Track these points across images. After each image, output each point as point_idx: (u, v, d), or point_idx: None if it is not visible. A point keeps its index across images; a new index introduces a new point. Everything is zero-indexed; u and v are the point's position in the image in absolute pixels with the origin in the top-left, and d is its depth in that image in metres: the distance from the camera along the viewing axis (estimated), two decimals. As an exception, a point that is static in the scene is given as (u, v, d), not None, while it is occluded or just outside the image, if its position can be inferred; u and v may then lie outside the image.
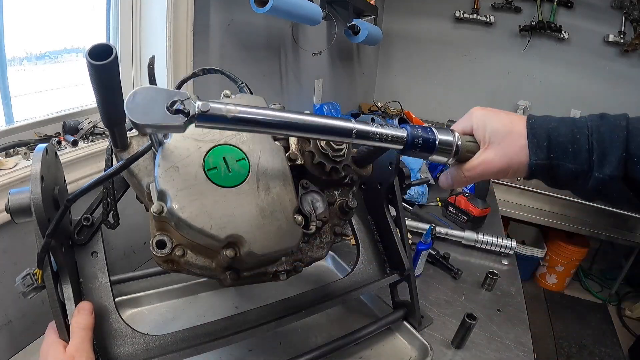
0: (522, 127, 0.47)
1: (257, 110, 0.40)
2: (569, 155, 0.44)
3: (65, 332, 0.48)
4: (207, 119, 0.39)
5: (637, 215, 2.13)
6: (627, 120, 0.44)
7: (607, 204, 2.28)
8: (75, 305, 0.50)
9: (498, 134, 0.47)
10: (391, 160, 0.72)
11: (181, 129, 0.38)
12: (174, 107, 0.37)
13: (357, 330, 0.74)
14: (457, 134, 0.49)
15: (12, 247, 0.74)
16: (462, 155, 0.49)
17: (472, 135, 0.50)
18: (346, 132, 0.44)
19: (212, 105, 0.38)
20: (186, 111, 0.37)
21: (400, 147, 0.46)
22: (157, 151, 0.48)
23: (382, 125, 0.45)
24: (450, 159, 0.49)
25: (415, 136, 0.46)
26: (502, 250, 1.18)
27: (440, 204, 1.48)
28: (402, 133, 0.46)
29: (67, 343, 0.47)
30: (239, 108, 0.39)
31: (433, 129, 0.48)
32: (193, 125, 0.39)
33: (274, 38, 1.56)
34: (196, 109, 0.38)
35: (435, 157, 0.49)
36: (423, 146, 0.47)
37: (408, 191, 1.31)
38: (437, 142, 0.47)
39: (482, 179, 0.50)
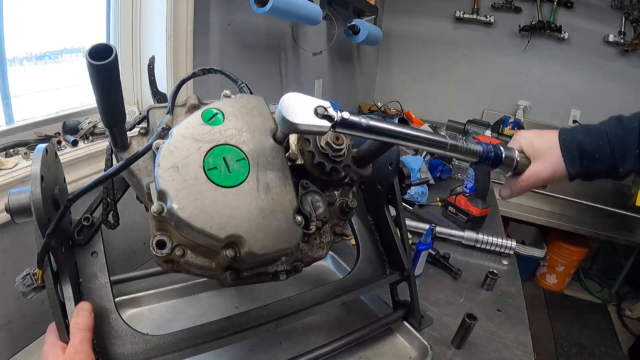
0: (557, 142, 0.59)
1: (382, 124, 0.49)
2: (597, 160, 0.57)
3: (65, 333, 0.48)
4: (346, 125, 0.46)
5: (637, 216, 2.13)
6: (638, 121, 0.55)
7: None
8: (75, 306, 0.50)
9: (542, 149, 0.59)
10: (391, 160, 0.72)
11: (324, 132, 0.46)
12: (322, 113, 0.44)
13: (357, 330, 0.74)
14: (516, 151, 0.60)
15: (12, 247, 0.73)
16: (519, 168, 0.60)
17: (523, 152, 0.61)
18: (443, 146, 0.54)
19: (352, 118, 0.47)
20: (333, 118, 0.45)
21: (476, 159, 0.58)
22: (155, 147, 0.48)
23: (466, 141, 0.57)
24: (511, 171, 0.60)
25: (488, 151, 0.58)
26: (502, 250, 1.18)
27: (440, 204, 1.48)
28: (479, 148, 0.58)
29: (67, 344, 0.47)
30: (370, 121, 0.49)
31: (500, 146, 0.59)
32: (331, 128, 0.46)
33: (274, 38, 1.56)
34: (338, 117, 0.45)
35: (500, 170, 0.60)
36: (493, 160, 0.58)
37: (408, 191, 1.32)
38: (503, 157, 0.58)
39: (534, 187, 0.61)
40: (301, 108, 0.44)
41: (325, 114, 0.44)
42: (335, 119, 0.45)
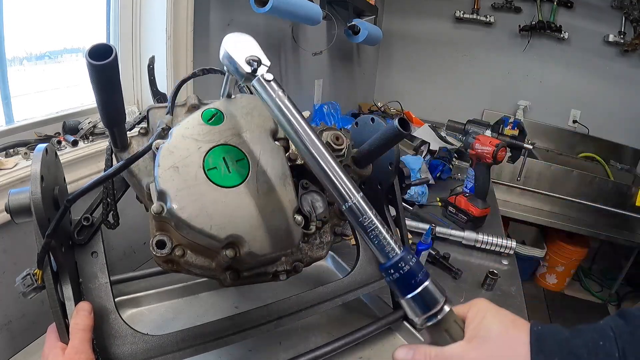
0: (524, 335, 0.37)
1: (292, 113, 0.43)
2: None
3: (65, 334, 0.48)
4: (261, 86, 0.44)
5: (637, 216, 2.13)
6: None
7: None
8: (75, 306, 0.50)
9: (490, 331, 0.38)
10: (391, 160, 0.72)
11: (242, 75, 0.45)
12: (250, 59, 0.45)
13: (357, 330, 0.74)
14: (449, 306, 0.40)
15: (12, 247, 0.73)
16: (438, 331, 0.40)
17: (463, 322, 0.41)
18: (343, 198, 0.40)
19: (273, 83, 0.44)
20: (254, 68, 0.44)
21: (381, 261, 0.40)
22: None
23: (382, 225, 0.40)
24: (420, 320, 0.39)
25: (404, 261, 0.38)
26: (502, 250, 1.18)
27: (440, 204, 1.48)
28: (393, 247, 0.39)
29: (67, 345, 0.47)
30: (285, 102, 0.43)
31: (430, 279, 0.39)
32: (248, 82, 0.45)
33: (274, 38, 1.56)
34: (261, 74, 0.44)
35: (406, 304, 0.40)
36: (402, 278, 0.38)
37: (408, 191, 1.32)
38: (420, 288, 0.38)
39: None
40: (242, 47, 0.45)
41: (251, 61, 0.44)
42: (257, 73, 0.44)
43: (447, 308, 0.39)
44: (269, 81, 0.44)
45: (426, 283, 0.39)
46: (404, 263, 0.38)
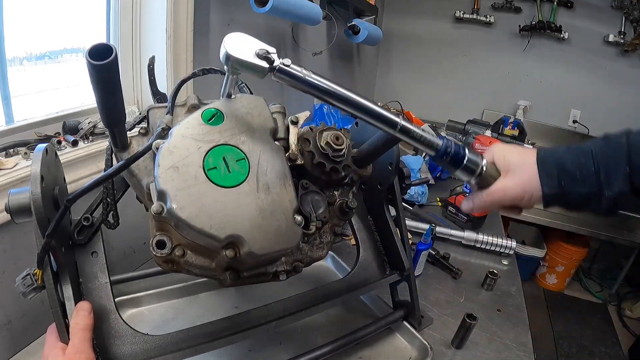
0: (534, 158, 0.52)
1: (325, 81, 0.48)
2: (578, 181, 0.48)
3: (65, 333, 0.48)
4: (285, 73, 0.46)
5: (637, 216, 2.13)
6: (627, 137, 0.48)
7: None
8: (75, 305, 0.50)
9: (515, 163, 0.53)
10: (391, 160, 0.72)
11: (262, 73, 0.45)
12: (262, 55, 0.44)
13: (357, 330, 0.74)
14: (485, 159, 0.54)
15: (12, 247, 0.73)
16: (484, 179, 0.54)
17: (494, 164, 0.55)
18: (392, 124, 0.50)
19: (293, 65, 0.46)
20: (271, 60, 0.45)
21: (433, 153, 0.52)
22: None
23: (423, 130, 0.51)
24: (473, 179, 0.54)
25: (447, 146, 0.52)
26: (502, 250, 1.18)
27: (440, 204, 1.48)
28: (438, 141, 0.52)
29: (67, 345, 0.47)
30: (313, 75, 0.47)
31: (466, 148, 0.53)
32: (271, 75, 0.46)
33: (274, 38, 1.55)
34: (277, 62, 0.45)
35: (460, 173, 0.54)
36: (453, 158, 0.52)
37: (408, 191, 1.32)
38: (465, 159, 0.52)
39: (500, 205, 0.55)
40: (244, 46, 0.45)
41: (265, 56, 0.44)
42: (274, 64, 0.45)
43: (485, 164, 0.53)
44: (289, 65, 0.45)
45: (467, 154, 0.52)
46: (449, 148, 0.52)
